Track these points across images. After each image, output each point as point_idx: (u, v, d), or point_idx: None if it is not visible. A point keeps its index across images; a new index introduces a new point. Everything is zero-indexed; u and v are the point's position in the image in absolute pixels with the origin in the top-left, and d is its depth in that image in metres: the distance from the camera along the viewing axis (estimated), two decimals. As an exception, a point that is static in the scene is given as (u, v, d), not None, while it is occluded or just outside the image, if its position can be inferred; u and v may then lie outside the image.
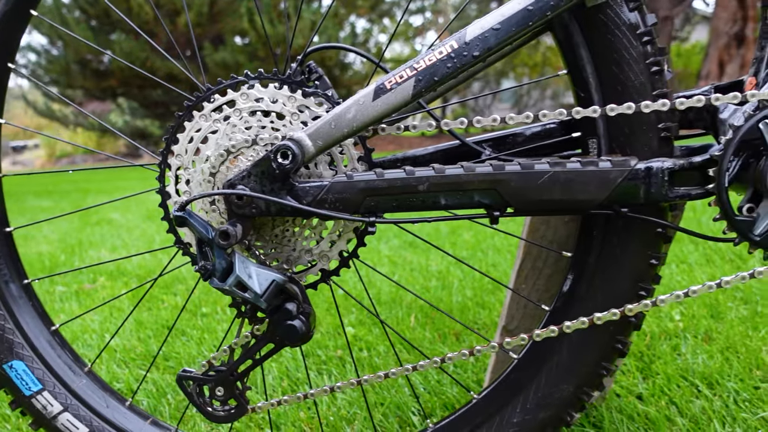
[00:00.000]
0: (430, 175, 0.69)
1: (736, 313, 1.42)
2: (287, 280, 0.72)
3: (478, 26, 0.67)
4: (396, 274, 2.03)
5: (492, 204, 0.70)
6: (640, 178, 0.67)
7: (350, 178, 0.69)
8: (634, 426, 0.98)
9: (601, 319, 0.73)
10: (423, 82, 0.67)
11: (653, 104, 0.68)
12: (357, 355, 1.36)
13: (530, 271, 0.96)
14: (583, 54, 0.72)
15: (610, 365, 0.79)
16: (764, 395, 1.04)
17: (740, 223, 0.68)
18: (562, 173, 0.68)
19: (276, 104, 0.75)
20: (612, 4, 0.69)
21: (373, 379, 0.79)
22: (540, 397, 0.80)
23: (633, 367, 1.18)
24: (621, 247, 0.74)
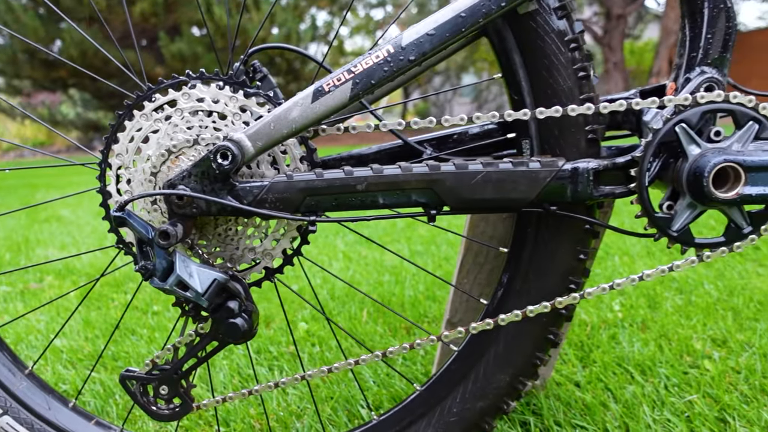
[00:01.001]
0: (369, 175, 0.71)
1: (672, 303, 1.50)
2: (229, 279, 0.73)
3: (413, 31, 0.69)
4: (350, 269, 2.05)
5: (429, 203, 0.72)
6: (567, 178, 0.71)
7: (290, 178, 0.71)
8: (572, 412, 1.03)
9: (533, 312, 0.77)
10: (360, 85, 0.68)
11: (579, 108, 0.71)
12: (309, 351, 1.38)
13: (471, 266, 0.99)
14: (515, 59, 0.75)
15: (543, 355, 0.83)
16: (692, 380, 1.10)
17: (659, 220, 0.73)
18: (495, 173, 0.71)
19: (218, 104, 0.75)
20: (542, 12, 0.72)
21: (317, 373, 0.81)
22: (478, 387, 0.83)
23: (573, 357, 1.23)
24: (552, 243, 0.78)
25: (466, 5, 0.68)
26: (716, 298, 1.51)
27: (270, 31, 14.06)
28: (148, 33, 15.13)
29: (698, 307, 1.45)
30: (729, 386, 1.08)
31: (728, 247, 0.74)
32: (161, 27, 14.61)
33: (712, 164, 0.68)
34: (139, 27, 14.58)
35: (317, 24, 16.91)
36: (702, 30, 0.75)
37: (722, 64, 0.75)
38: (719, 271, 1.73)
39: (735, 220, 0.73)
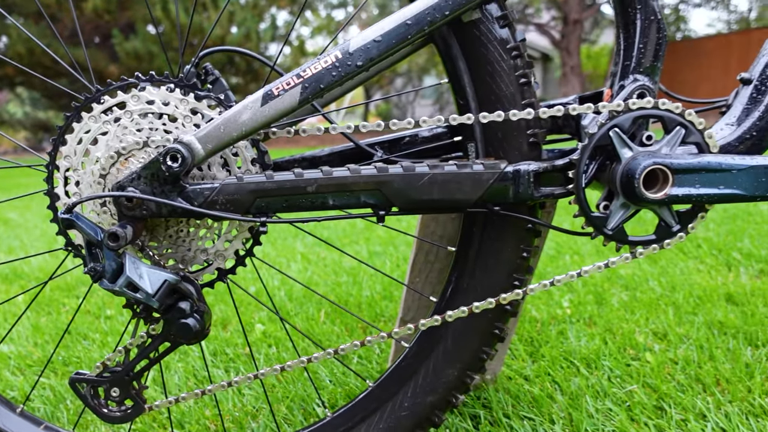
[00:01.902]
0: (318, 177, 0.72)
1: (618, 299, 1.56)
2: (180, 280, 0.73)
3: (361, 38, 0.71)
4: (309, 270, 2.05)
5: (378, 204, 0.74)
6: (509, 180, 0.75)
7: (241, 180, 0.72)
8: (520, 405, 1.07)
9: (479, 308, 0.80)
10: (309, 89, 0.70)
11: (520, 113, 0.75)
12: (266, 352, 1.38)
13: (423, 265, 1.02)
14: (460, 65, 0.78)
15: (490, 350, 0.86)
16: (633, 371, 1.16)
17: (595, 219, 0.77)
18: (440, 175, 0.74)
19: (168, 107, 0.75)
20: (485, 21, 0.75)
21: (270, 372, 0.82)
22: (428, 382, 0.86)
23: (523, 352, 1.27)
24: (497, 242, 0.82)
25: (412, 13, 0.71)
26: (659, 294, 1.58)
27: (229, 30, 13.87)
28: (101, 30, 14.70)
29: (642, 303, 1.52)
30: (667, 376, 1.14)
31: (659, 244, 0.78)
32: (115, 24, 14.21)
33: (642, 167, 0.72)
34: (92, 24, 14.15)
35: (277, 24, 16.76)
36: (635, 40, 0.80)
37: (653, 73, 0.80)
38: (663, 268, 1.82)
39: (665, 219, 0.77)
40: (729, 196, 0.74)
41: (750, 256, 1.88)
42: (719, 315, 1.39)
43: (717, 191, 0.74)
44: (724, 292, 1.56)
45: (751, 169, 0.73)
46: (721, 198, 0.74)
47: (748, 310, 1.41)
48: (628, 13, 0.79)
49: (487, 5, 0.75)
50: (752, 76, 0.83)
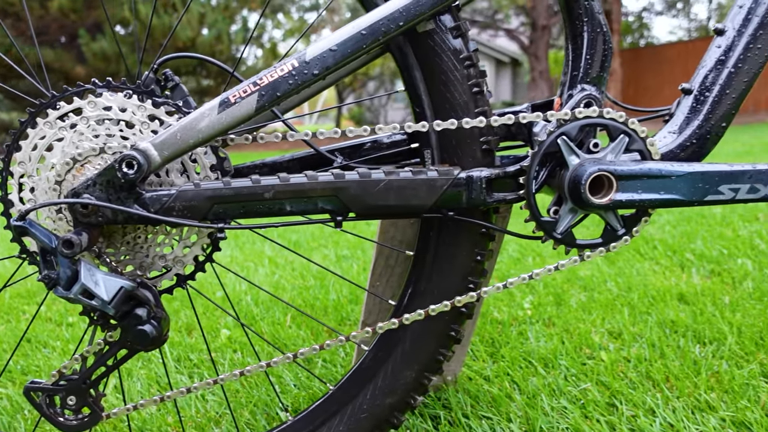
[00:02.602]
0: (275, 183, 0.74)
1: (577, 300, 1.61)
2: (137, 286, 0.73)
3: (317, 47, 0.72)
4: (276, 274, 2.05)
5: (335, 209, 0.76)
6: (462, 186, 0.77)
7: (197, 187, 0.72)
8: (479, 405, 1.09)
9: (435, 311, 0.82)
10: (266, 97, 0.71)
11: (473, 121, 0.77)
12: (231, 357, 1.38)
13: (383, 269, 1.04)
14: (416, 74, 0.80)
15: (447, 351, 0.89)
16: (588, 370, 1.20)
17: (545, 224, 0.80)
18: (396, 181, 0.76)
19: (125, 113, 0.76)
20: (439, 31, 0.78)
21: (230, 377, 0.83)
22: (387, 384, 0.88)
23: (483, 353, 1.30)
24: (452, 246, 0.84)
25: (367, 24, 0.73)
26: (616, 294, 1.63)
27: (199, 32, 13.70)
28: (67, 30, 14.36)
29: (599, 303, 1.57)
30: (620, 374, 1.18)
31: (605, 247, 0.82)
32: (82, 24, 13.90)
33: (588, 173, 0.76)
34: (57, 23, 13.81)
35: (249, 26, 16.64)
36: (582, 52, 0.83)
37: (600, 82, 0.84)
38: (620, 269, 1.87)
39: (611, 223, 0.81)
40: (669, 201, 0.78)
41: (702, 256, 1.95)
42: (671, 314, 1.45)
43: (658, 197, 0.78)
44: (676, 292, 1.62)
45: (688, 175, 0.77)
46: (662, 203, 0.78)
47: (698, 309, 1.47)
48: (576, 25, 0.83)
49: (441, 17, 0.78)
50: (692, 87, 0.88)
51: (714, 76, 0.85)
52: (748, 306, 1.49)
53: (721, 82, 0.85)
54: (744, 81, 0.85)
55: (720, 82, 0.85)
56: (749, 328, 1.35)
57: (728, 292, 1.61)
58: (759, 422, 0.98)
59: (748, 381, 1.12)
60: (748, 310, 1.46)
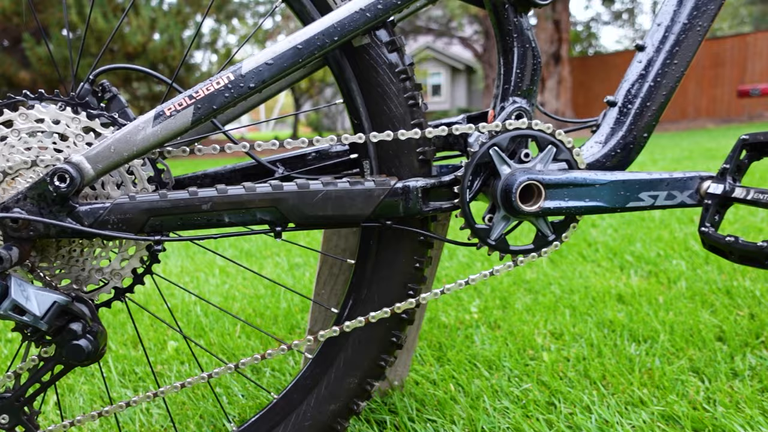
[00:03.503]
0: (213, 195, 0.74)
1: (522, 303, 1.66)
2: (72, 301, 0.72)
3: (253, 61, 0.74)
4: (227, 283, 2.04)
5: (274, 220, 0.77)
6: (399, 195, 0.79)
7: (133, 199, 0.72)
8: (425, 409, 1.12)
9: (375, 318, 0.84)
10: (202, 110, 0.72)
11: (408, 133, 0.80)
12: (178, 369, 1.36)
13: (328, 277, 1.05)
14: (354, 87, 0.82)
15: (389, 357, 0.91)
16: (530, 371, 1.24)
17: (479, 231, 0.83)
18: (334, 192, 0.77)
19: (58, 125, 0.75)
20: (375, 46, 0.80)
21: (170, 389, 0.82)
22: (330, 391, 0.89)
23: (431, 357, 1.33)
24: (391, 254, 0.86)
25: (303, 38, 0.74)
26: (559, 297, 1.69)
27: (150, 38, 13.38)
28: (10, 33, 13.80)
29: (543, 305, 1.62)
30: (560, 373, 1.23)
31: (537, 252, 0.86)
32: (26, 28, 13.37)
33: (518, 182, 0.79)
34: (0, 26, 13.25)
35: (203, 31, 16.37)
36: (513, 66, 0.87)
37: (530, 95, 0.88)
38: (564, 271, 1.94)
39: (541, 229, 0.85)
40: (594, 208, 0.83)
41: (641, 258, 2.04)
42: (609, 315, 1.51)
43: (583, 204, 0.82)
44: (616, 293, 1.69)
45: (611, 183, 0.82)
46: (588, 210, 0.82)
47: (634, 309, 1.54)
48: (506, 41, 0.86)
49: (377, 32, 0.80)
50: (617, 100, 0.93)
51: (636, 89, 0.91)
52: (681, 305, 1.57)
53: (642, 95, 0.90)
54: (663, 94, 0.90)
55: (641, 95, 0.90)
56: (681, 325, 1.42)
57: (663, 292, 1.70)
58: (686, 415, 1.04)
59: (677, 376, 1.19)
60: (681, 309, 1.54)
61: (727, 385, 1.14)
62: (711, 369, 1.21)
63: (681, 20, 0.90)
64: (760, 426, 0.99)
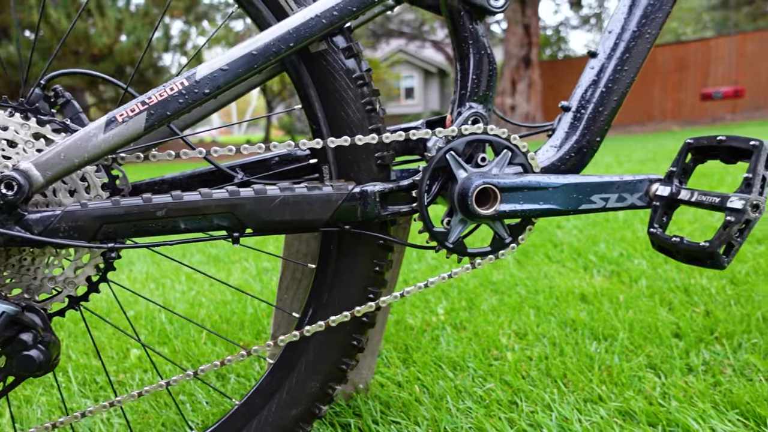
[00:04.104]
0: (168, 201, 0.74)
1: (488, 304, 1.68)
2: (22, 311, 0.71)
3: (207, 66, 0.73)
4: (193, 290, 2.01)
5: (231, 226, 0.77)
6: (357, 200, 0.80)
7: (84, 207, 0.71)
8: (390, 411, 1.12)
9: (335, 322, 0.85)
10: (156, 116, 0.71)
11: (365, 138, 0.81)
12: (141, 377, 1.34)
13: (290, 282, 1.05)
14: (311, 93, 0.83)
15: (350, 361, 0.91)
16: (494, 371, 1.26)
17: (438, 234, 0.84)
18: (292, 197, 0.78)
19: (7, 131, 0.73)
20: (332, 52, 0.81)
21: (127, 398, 0.81)
22: (291, 396, 0.89)
23: (396, 359, 1.34)
24: (351, 258, 0.87)
25: (257, 44, 0.74)
26: (524, 297, 1.72)
27: (117, 39, 13.13)
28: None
29: (508, 306, 1.65)
30: (523, 373, 1.25)
31: (494, 255, 0.87)
32: (-14, 29, 12.98)
33: (474, 186, 0.81)
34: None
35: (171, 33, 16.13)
36: (469, 72, 0.88)
37: (486, 101, 0.89)
38: (530, 272, 1.98)
39: (498, 232, 0.86)
40: (548, 211, 0.84)
41: (604, 258, 2.09)
42: (572, 314, 1.54)
43: (538, 207, 0.84)
44: (579, 292, 1.73)
45: (564, 186, 0.84)
46: (542, 213, 0.84)
47: (596, 308, 1.58)
48: (462, 47, 0.88)
49: (334, 38, 0.80)
50: (571, 105, 0.95)
51: (589, 95, 0.93)
52: (641, 303, 1.61)
53: (595, 100, 0.93)
54: (614, 99, 0.93)
55: (594, 101, 0.93)
56: (639, 323, 1.46)
57: (624, 290, 1.74)
58: (642, 410, 1.07)
59: (635, 373, 1.22)
60: (640, 307, 1.58)
61: (681, 380, 1.18)
62: (667, 365, 1.24)
63: (630, 28, 0.92)
64: (711, 419, 1.03)
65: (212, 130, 1.07)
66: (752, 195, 0.70)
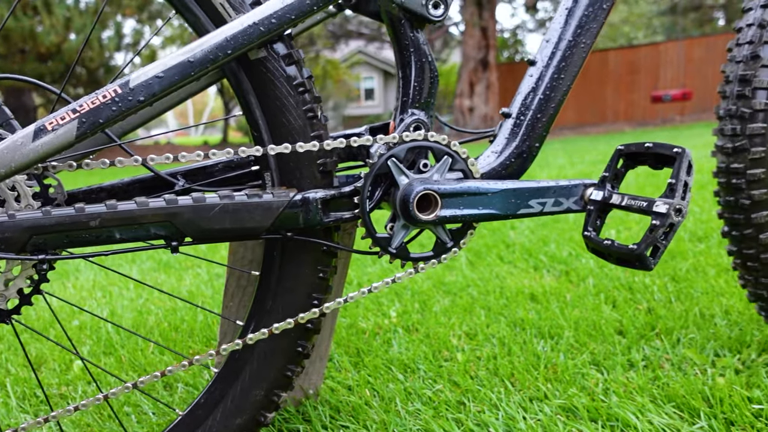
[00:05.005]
0: (102, 211, 0.72)
1: (440, 306, 1.70)
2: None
3: (141, 73, 0.72)
4: (142, 297, 1.97)
5: (169, 235, 0.76)
6: (299, 207, 0.80)
7: (12, 217, 0.69)
8: (339, 415, 1.13)
9: (278, 329, 0.85)
10: (87, 124, 0.70)
11: (306, 145, 0.81)
12: (84, 389, 1.30)
13: (235, 289, 1.04)
14: (252, 99, 0.82)
15: (296, 368, 0.91)
16: (444, 372, 1.28)
17: (380, 240, 0.85)
18: (231, 205, 0.77)
19: (-72, 140, 0.70)
20: (271, 59, 0.80)
21: (63, 413, 0.79)
22: (236, 405, 0.88)
23: (348, 363, 1.34)
24: (294, 265, 0.87)
25: (193, 51, 0.73)
26: (475, 298, 1.75)
27: (66, 38, 12.68)
28: None
29: (460, 307, 1.67)
30: (472, 373, 1.27)
31: (437, 259, 0.89)
32: None
33: (415, 192, 0.82)
34: None
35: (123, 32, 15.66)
36: (411, 79, 0.90)
37: (428, 107, 0.90)
38: (482, 273, 2.01)
39: (440, 237, 0.88)
40: (488, 216, 0.86)
41: (554, 258, 2.15)
42: (521, 313, 1.58)
43: (477, 212, 0.86)
44: (529, 292, 1.77)
45: (502, 192, 0.86)
46: (481, 217, 0.86)
47: (544, 308, 1.62)
48: (404, 55, 0.89)
49: (274, 45, 0.80)
50: (511, 112, 0.98)
51: (528, 102, 0.96)
52: (587, 302, 1.66)
53: (534, 107, 0.95)
54: (552, 107, 0.96)
55: (533, 108, 0.95)
56: (585, 321, 1.51)
57: (572, 289, 1.79)
58: (584, 406, 1.10)
59: (579, 370, 1.26)
60: (586, 305, 1.63)
61: (623, 375, 1.22)
62: (610, 361, 1.29)
63: (567, 38, 0.95)
64: (649, 412, 1.07)
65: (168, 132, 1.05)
66: (675, 200, 0.73)
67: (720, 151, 1.07)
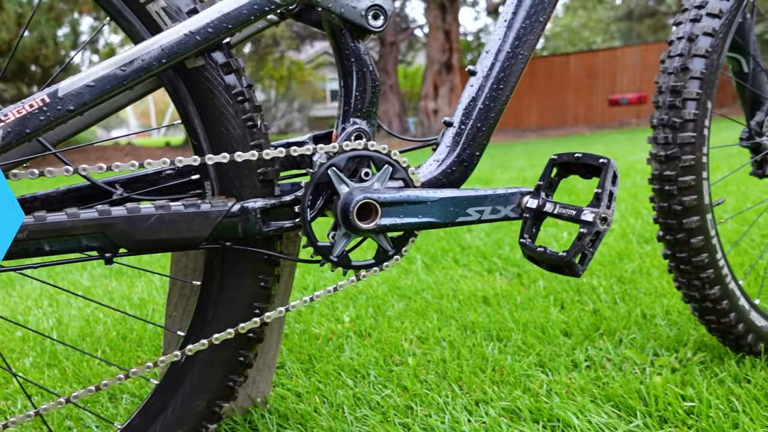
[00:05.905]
0: (29, 222, 0.70)
1: (394, 310, 1.72)
2: None
3: (72, 82, 0.71)
4: (92, 305, 1.92)
5: (102, 247, 0.75)
6: (237, 216, 0.80)
7: (-68, 231, 0.67)
8: (287, 423, 1.12)
9: (218, 339, 0.84)
10: (13, 134, 0.68)
11: (245, 154, 0.81)
12: (24, 403, 1.27)
13: (178, 299, 1.03)
14: (190, 108, 0.82)
15: (238, 378, 0.91)
16: (394, 377, 1.29)
17: (322, 248, 0.85)
18: (168, 215, 0.76)
19: None
20: (209, 67, 0.80)
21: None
22: (176, 417, 0.87)
23: (298, 370, 1.34)
24: (235, 274, 0.86)
25: (127, 60, 0.73)
26: (429, 302, 1.77)
27: (18, 34, 12.22)
28: None
29: (414, 311, 1.69)
30: (421, 377, 1.29)
31: (379, 267, 0.90)
32: None
33: (355, 201, 0.83)
34: None
35: (80, 30, 15.21)
36: (352, 88, 0.90)
37: (369, 117, 0.91)
38: (437, 276, 2.03)
39: (381, 245, 0.89)
40: (427, 224, 0.88)
41: (508, 261, 2.19)
42: (472, 316, 1.60)
43: (417, 220, 0.87)
44: (481, 295, 1.80)
45: (441, 200, 0.88)
46: (421, 226, 0.88)
47: (494, 310, 1.65)
48: (345, 65, 0.90)
49: (212, 53, 0.80)
50: (453, 121, 0.99)
51: (469, 111, 0.98)
52: (537, 304, 1.70)
53: (474, 117, 0.97)
54: (492, 116, 0.98)
55: (473, 117, 0.97)
56: (533, 323, 1.54)
57: (523, 292, 1.83)
58: (528, 408, 1.13)
59: (525, 371, 1.29)
60: (536, 307, 1.67)
61: (566, 376, 1.26)
62: (554, 362, 1.32)
63: (506, 49, 0.98)
64: (589, 412, 1.10)
65: (130, 135, 1.04)
66: (601, 209, 0.76)
67: (654, 159, 1.11)
